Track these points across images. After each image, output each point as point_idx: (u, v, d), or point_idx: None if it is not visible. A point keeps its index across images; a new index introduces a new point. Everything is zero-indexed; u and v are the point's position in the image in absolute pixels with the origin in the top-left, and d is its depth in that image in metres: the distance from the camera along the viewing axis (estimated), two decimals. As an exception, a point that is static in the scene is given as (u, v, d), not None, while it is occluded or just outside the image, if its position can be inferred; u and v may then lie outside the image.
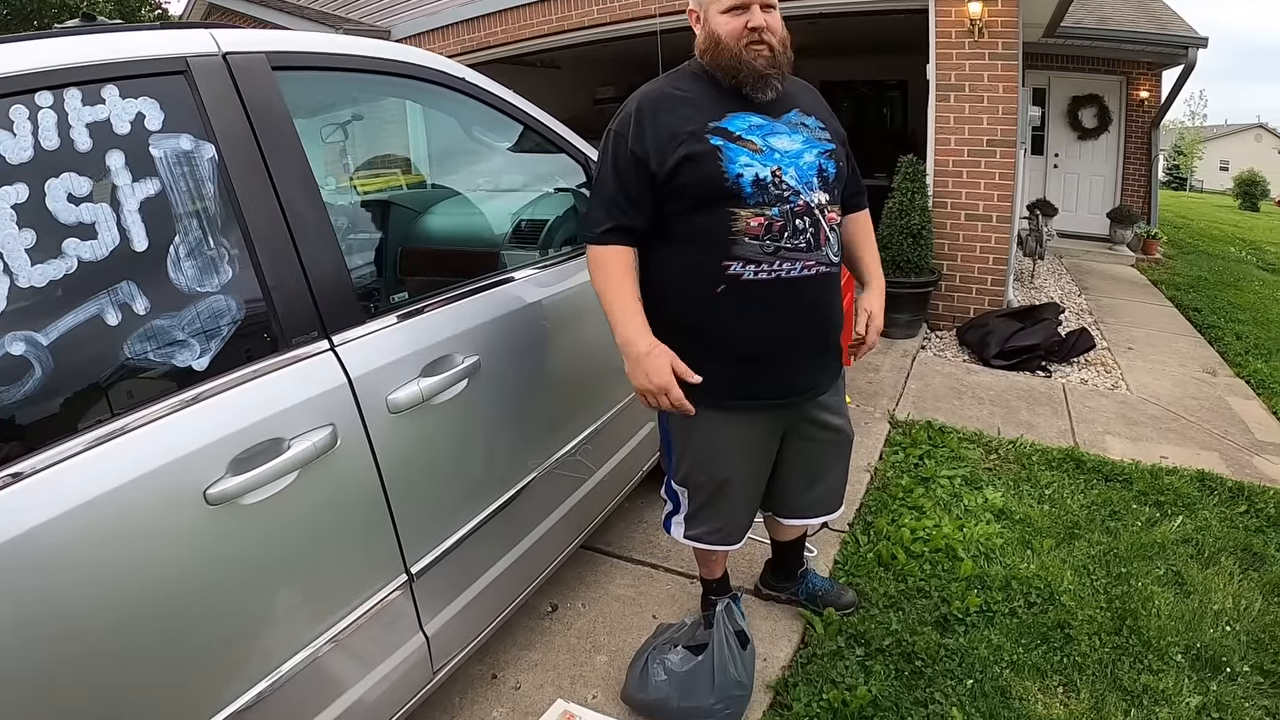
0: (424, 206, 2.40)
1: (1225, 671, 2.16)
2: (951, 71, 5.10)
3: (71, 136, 1.19)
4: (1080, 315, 6.10)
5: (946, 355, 5.15)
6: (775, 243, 1.64)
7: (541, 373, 1.98)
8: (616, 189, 1.66)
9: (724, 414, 1.80)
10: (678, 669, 1.92)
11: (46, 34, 1.26)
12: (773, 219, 1.63)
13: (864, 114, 11.55)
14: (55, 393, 1.14)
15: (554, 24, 6.84)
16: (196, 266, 1.30)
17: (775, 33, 1.66)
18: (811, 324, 1.75)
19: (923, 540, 2.76)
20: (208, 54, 1.39)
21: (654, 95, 1.71)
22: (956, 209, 5.31)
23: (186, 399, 1.25)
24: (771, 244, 1.64)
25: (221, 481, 1.24)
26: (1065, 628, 2.32)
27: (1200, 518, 2.97)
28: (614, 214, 1.66)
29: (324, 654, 1.45)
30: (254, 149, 1.41)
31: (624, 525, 2.85)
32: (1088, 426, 3.94)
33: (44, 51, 1.19)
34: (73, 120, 1.19)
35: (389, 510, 1.55)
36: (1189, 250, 10.07)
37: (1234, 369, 5.01)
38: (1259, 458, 3.63)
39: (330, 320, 1.48)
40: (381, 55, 1.76)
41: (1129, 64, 8.93)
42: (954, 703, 2.04)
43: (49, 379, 1.12)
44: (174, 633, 1.22)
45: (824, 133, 1.76)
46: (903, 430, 3.80)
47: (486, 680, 2.14)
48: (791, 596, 2.39)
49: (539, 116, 2.17)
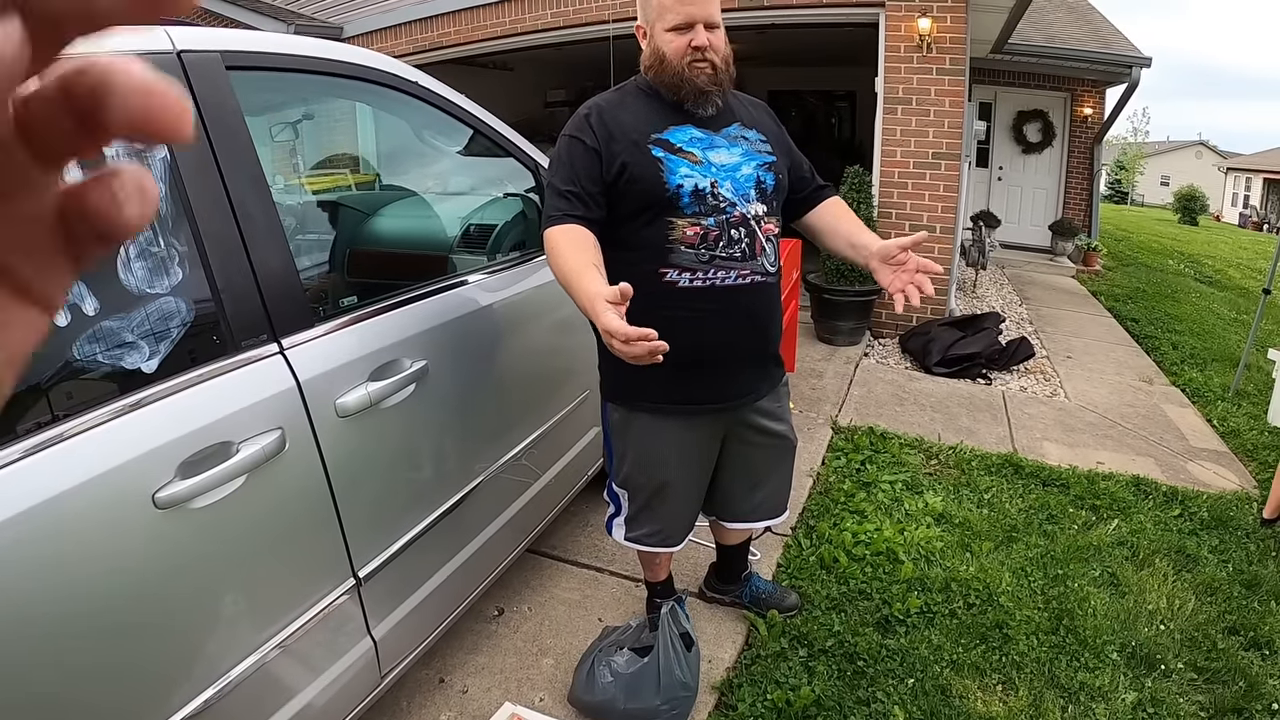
0: (374, 208, 2.39)
1: (1160, 669, 2.25)
2: (899, 85, 5.22)
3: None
4: (1021, 324, 6.27)
5: (889, 363, 5.25)
6: (710, 251, 1.68)
7: (488, 377, 1.99)
8: (570, 184, 1.67)
9: (662, 418, 1.84)
10: (623, 671, 1.95)
11: None
12: (709, 229, 1.67)
13: (812, 124, 11.72)
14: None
15: (508, 26, 6.83)
16: (147, 267, 1.29)
17: (718, 51, 1.69)
18: (747, 331, 1.78)
19: (864, 544, 2.82)
20: (162, 51, 1.37)
21: (603, 104, 1.75)
22: (901, 219, 5.42)
23: (135, 402, 1.23)
24: (707, 253, 1.68)
25: (170, 485, 1.23)
26: (1004, 628, 2.39)
27: (1135, 521, 3.08)
28: (574, 204, 1.66)
29: (272, 659, 1.44)
30: (206, 149, 1.40)
31: (570, 529, 2.87)
32: (1026, 433, 4.06)
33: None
34: (28, 124, 1.18)
35: (336, 514, 1.55)
36: (1129, 262, 10.40)
37: (1170, 378, 5.19)
38: (1193, 463, 3.78)
39: (280, 323, 1.47)
40: (336, 57, 1.76)
41: (1074, 81, 9.22)
42: (895, 701, 2.09)
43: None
44: (121, 638, 1.20)
45: (764, 145, 1.80)
46: (845, 436, 3.87)
47: (434, 684, 2.14)
48: (735, 599, 2.43)
49: (489, 121, 2.18)
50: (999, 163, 10.02)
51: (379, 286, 1.82)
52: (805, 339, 5.37)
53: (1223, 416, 4.42)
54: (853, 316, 5.38)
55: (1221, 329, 6.79)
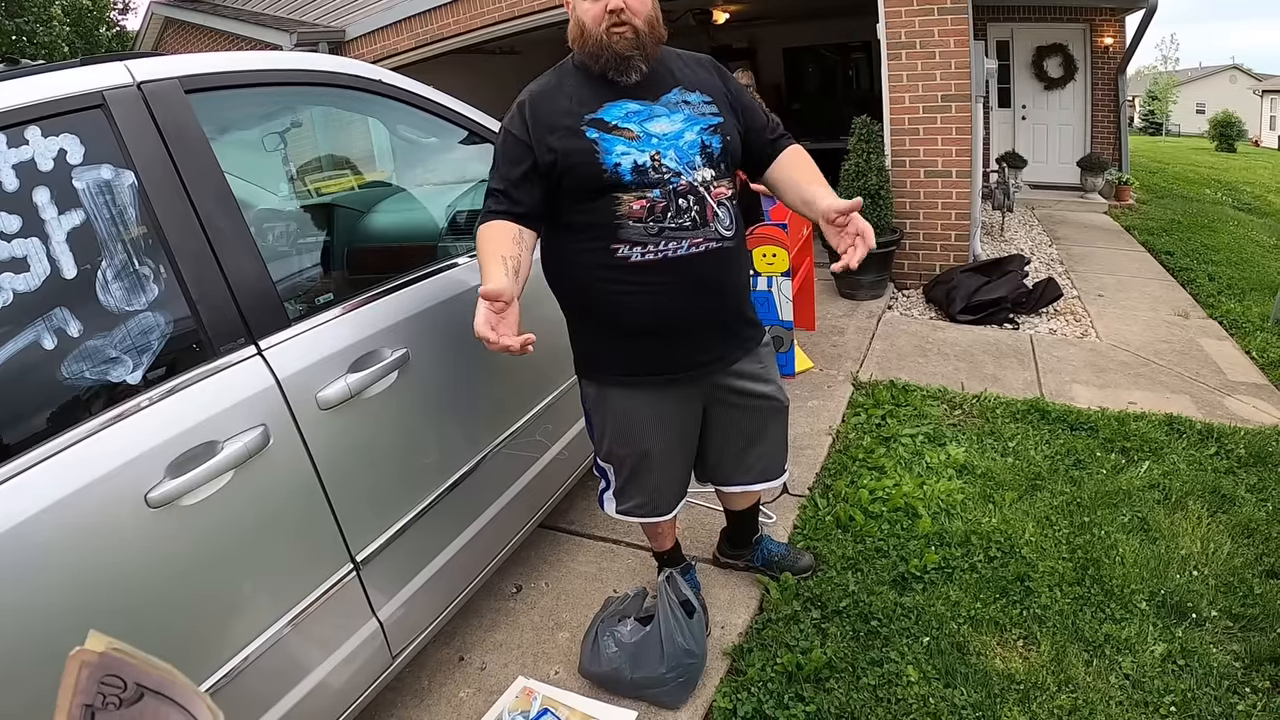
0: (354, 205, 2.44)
1: (1192, 617, 2.16)
2: (901, 29, 5.10)
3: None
4: (1050, 265, 6.12)
5: (913, 313, 5.17)
6: (659, 224, 1.67)
7: (476, 360, 2.01)
8: (502, 179, 1.70)
9: (633, 390, 1.86)
10: (627, 641, 1.98)
11: None
12: (655, 200, 1.66)
13: (831, 77, 11.52)
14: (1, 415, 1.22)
15: (505, 11, 6.83)
16: (124, 287, 1.37)
17: (637, 14, 1.65)
18: (705, 299, 1.77)
19: (882, 500, 2.80)
20: (123, 85, 1.45)
21: (535, 91, 1.75)
22: (915, 166, 5.32)
23: (122, 411, 1.32)
24: (655, 225, 1.67)
25: (161, 485, 1.32)
26: (1025, 580, 2.34)
27: (1168, 462, 2.97)
28: (500, 201, 1.70)
29: (277, 642, 1.52)
30: (171, 171, 1.47)
31: (586, 504, 2.88)
32: (1055, 376, 3.97)
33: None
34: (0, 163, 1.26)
35: (328, 502, 1.61)
36: (1164, 194, 10.07)
37: (1207, 310, 5.03)
38: (1231, 398, 3.65)
39: (255, 326, 1.54)
40: (293, 66, 1.81)
41: (1091, 11, 8.89)
42: (909, 661, 2.07)
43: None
44: (126, 629, 1.27)
45: (709, 106, 1.76)
46: (866, 391, 3.82)
47: (454, 663, 2.21)
48: (748, 564, 2.44)
49: (462, 110, 2.20)
50: (1021, 101, 9.73)
51: (355, 281, 1.86)
52: (826, 296, 5.30)
53: (1262, 348, 4.26)
54: (873, 269, 5.28)
55: (1260, 256, 6.55)
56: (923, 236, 5.46)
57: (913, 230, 5.46)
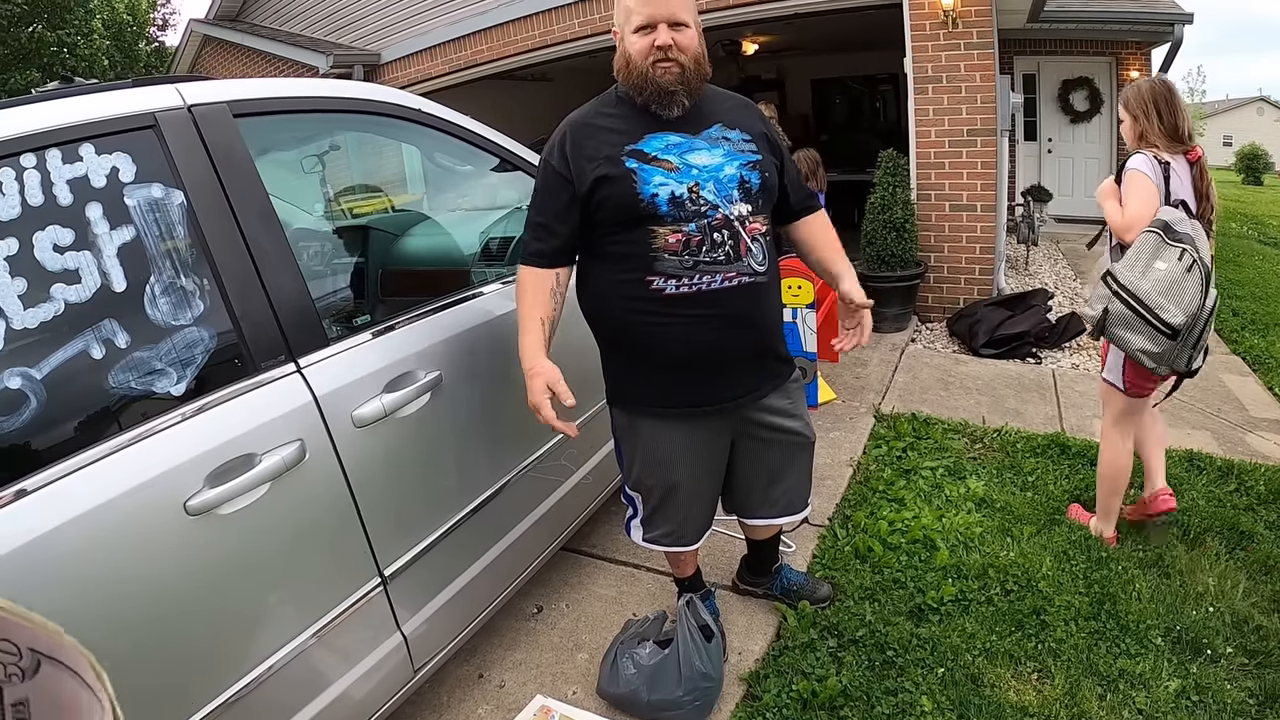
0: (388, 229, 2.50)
1: (1207, 654, 2.15)
2: (928, 63, 5.15)
3: (54, 193, 1.32)
4: (1075, 300, 6.09)
5: (936, 347, 5.17)
6: (694, 257, 1.70)
7: (507, 384, 2.05)
8: (541, 212, 1.76)
9: (664, 421, 1.88)
10: (646, 663, 2.00)
11: (30, 99, 1.39)
12: (690, 234, 1.69)
13: (858, 109, 11.59)
14: (49, 420, 1.28)
15: (537, 39, 6.93)
16: (171, 302, 1.43)
17: (685, 51, 1.69)
18: (737, 333, 1.79)
19: (900, 532, 2.80)
20: (174, 108, 1.52)
21: (576, 121, 1.79)
22: (940, 200, 5.35)
23: (165, 422, 1.38)
24: (690, 259, 1.69)
25: (200, 494, 1.37)
26: (1041, 614, 2.33)
27: (1187, 498, 2.95)
28: (540, 236, 1.75)
29: (304, 651, 1.56)
30: (219, 191, 1.54)
31: (608, 528, 2.92)
32: (1076, 411, 3.95)
33: (27, 117, 1.33)
34: (54, 178, 1.33)
35: (359, 517, 1.66)
36: (1190, 229, 9.95)
37: (1230, 346, 4.98)
38: (1252, 435, 3.62)
39: (296, 344, 1.59)
40: (337, 94, 1.88)
41: (1117, 45, 8.89)
42: (924, 691, 2.07)
43: (43, 409, 1.26)
44: (160, 630, 1.34)
45: (749, 145, 1.80)
46: (887, 424, 3.83)
47: (473, 680, 2.23)
48: (768, 591, 2.45)
49: (497, 139, 2.27)
50: (1047, 134, 9.70)
51: (393, 304, 1.91)
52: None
53: (1285, 384, 4.21)
54: (897, 302, 5.30)
55: (1285, 292, 6.47)
56: (947, 270, 5.48)
57: (937, 264, 5.48)
